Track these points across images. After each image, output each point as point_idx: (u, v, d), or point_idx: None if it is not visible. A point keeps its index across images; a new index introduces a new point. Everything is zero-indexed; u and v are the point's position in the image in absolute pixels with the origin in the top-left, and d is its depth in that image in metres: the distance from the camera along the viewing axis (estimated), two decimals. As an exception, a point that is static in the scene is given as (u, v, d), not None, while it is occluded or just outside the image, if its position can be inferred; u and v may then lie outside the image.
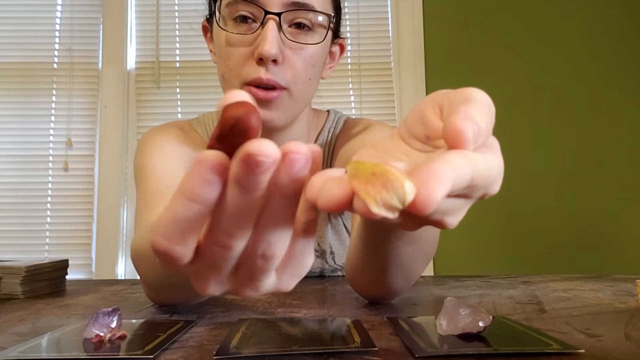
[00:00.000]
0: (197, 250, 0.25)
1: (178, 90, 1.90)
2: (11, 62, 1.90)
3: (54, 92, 1.89)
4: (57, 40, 1.91)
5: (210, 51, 0.74)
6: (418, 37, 1.88)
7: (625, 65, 1.84)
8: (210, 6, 0.72)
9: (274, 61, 0.63)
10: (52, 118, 1.88)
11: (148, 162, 0.70)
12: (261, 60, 0.62)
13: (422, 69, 1.87)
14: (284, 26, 0.64)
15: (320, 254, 0.81)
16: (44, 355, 0.36)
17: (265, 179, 0.22)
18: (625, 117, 1.83)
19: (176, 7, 1.93)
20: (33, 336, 0.43)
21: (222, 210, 0.24)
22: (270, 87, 0.64)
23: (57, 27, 1.92)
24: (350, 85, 1.88)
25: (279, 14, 0.62)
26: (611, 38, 1.86)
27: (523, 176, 1.81)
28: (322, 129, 0.81)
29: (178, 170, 0.69)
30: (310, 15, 0.65)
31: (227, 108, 0.23)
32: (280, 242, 0.25)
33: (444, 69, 1.87)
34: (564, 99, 1.84)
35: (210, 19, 0.72)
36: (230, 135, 0.22)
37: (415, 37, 1.88)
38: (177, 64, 1.91)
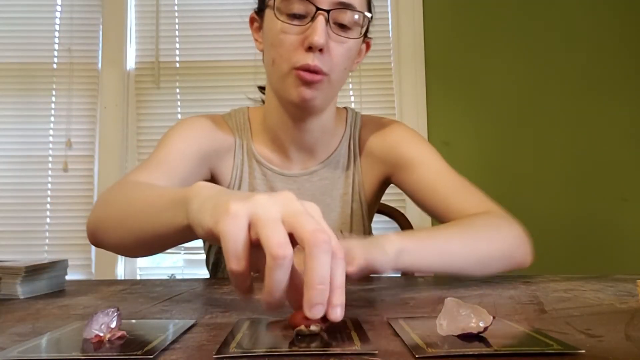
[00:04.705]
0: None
1: (178, 90, 1.90)
2: (11, 63, 1.90)
3: (54, 93, 1.89)
4: (56, 40, 1.91)
5: (255, 40, 0.86)
6: (418, 38, 1.88)
7: (625, 65, 1.84)
8: (261, 0, 0.82)
9: (320, 50, 0.73)
10: (52, 118, 1.88)
11: (171, 137, 0.83)
12: (310, 49, 0.73)
13: (422, 69, 1.86)
14: (331, 22, 0.74)
15: None
16: (44, 355, 0.36)
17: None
18: (625, 117, 1.83)
19: (176, 7, 1.92)
20: (33, 336, 0.42)
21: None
22: (315, 72, 0.74)
23: (57, 27, 1.92)
24: (350, 86, 1.88)
25: (328, 11, 0.73)
26: (611, 38, 1.86)
27: (523, 177, 1.81)
28: (346, 122, 0.93)
29: (188, 155, 0.81)
30: (350, 14, 0.75)
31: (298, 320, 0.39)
32: None
33: (444, 70, 1.87)
34: (564, 99, 1.84)
35: (259, 12, 0.83)
36: None
37: (415, 38, 1.88)
38: (177, 64, 1.91)
